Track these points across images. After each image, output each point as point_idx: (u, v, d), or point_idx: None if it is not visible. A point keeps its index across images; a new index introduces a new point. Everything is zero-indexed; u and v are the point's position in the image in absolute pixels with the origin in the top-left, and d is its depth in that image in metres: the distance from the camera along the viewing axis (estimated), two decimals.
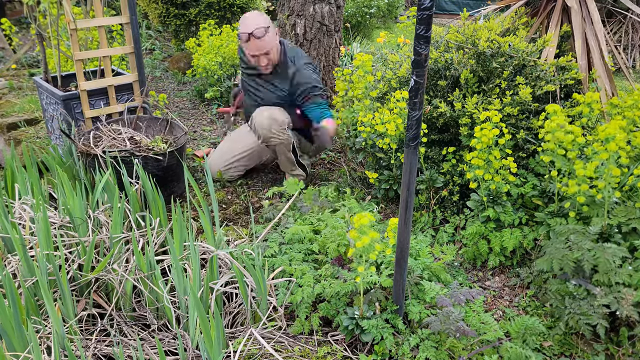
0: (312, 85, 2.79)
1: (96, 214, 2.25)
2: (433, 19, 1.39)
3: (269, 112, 2.79)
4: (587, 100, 2.29)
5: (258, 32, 2.61)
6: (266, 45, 2.67)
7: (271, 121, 2.77)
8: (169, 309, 1.87)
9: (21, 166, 2.45)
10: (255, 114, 2.83)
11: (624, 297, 1.72)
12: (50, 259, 1.83)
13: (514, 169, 2.21)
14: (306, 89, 2.79)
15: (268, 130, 2.77)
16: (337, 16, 3.61)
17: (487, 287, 2.23)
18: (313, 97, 2.80)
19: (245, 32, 2.62)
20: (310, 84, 2.79)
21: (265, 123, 2.77)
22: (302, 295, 1.88)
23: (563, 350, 1.83)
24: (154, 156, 2.63)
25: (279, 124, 2.78)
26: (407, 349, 1.74)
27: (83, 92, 2.90)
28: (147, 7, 5.37)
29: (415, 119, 1.49)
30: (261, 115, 2.78)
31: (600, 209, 1.99)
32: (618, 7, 5.46)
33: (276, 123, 2.77)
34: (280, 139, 2.81)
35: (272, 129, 2.77)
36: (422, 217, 2.57)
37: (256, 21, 2.63)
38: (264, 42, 2.65)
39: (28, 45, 4.72)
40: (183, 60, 5.12)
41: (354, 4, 6.88)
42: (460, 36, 2.64)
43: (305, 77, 2.78)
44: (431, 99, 2.62)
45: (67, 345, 1.52)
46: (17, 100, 4.24)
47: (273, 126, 2.77)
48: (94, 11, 2.90)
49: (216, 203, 2.30)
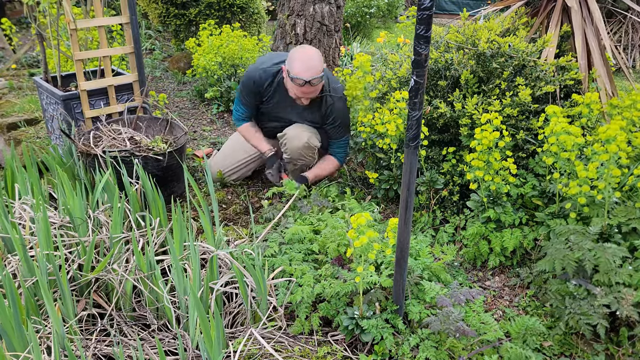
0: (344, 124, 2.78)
1: (96, 214, 2.25)
2: (433, 19, 1.39)
3: (305, 136, 2.70)
4: (586, 100, 2.29)
5: (315, 81, 2.49)
6: (317, 91, 2.59)
7: (306, 146, 2.71)
8: (169, 309, 1.87)
9: (21, 166, 2.45)
10: (290, 135, 2.73)
11: (624, 297, 1.72)
12: (50, 259, 1.83)
13: (514, 170, 2.21)
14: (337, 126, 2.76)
15: (300, 154, 2.74)
16: (337, 16, 3.61)
17: (487, 287, 2.23)
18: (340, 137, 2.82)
19: (302, 79, 2.46)
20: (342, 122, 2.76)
21: (300, 147, 2.71)
22: (302, 295, 1.88)
23: (563, 350, 1.83)
24: (154, 156, 2.63)
25: (312, 149, 2.74)
26: (407, 349, 1.74)
27: (83, 92, 2.90)
28: (147, 7, 5.37)
29: (415, 119, 1.49)
30: (297, 139, 2.70)
31: (601, 209, 1.99)
32: (618, 7, 5.46)
33: (310, 148, 2.73)
34: (307, 160, 2.80)
35: (304, 152, 2.74)
36: (422, 217, 2.57)
37: (314, 67, 2.47)
38: (316, 89, 2.56)
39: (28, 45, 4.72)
40: (183, 60, 5.12)
41: (354, 4, 6.88)
42: (460, 36, 2.64)
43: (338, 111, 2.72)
44: (431, 99, 2.62)
45: (67, 345, 1.52)
46: (17, 100, 4.24)
47: (306, 150, 2.73)
48: (94, 11, 2.90)
49: (216, 203, 2.30)
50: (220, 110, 4.19)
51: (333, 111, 2.72)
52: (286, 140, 2.75)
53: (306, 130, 2.74)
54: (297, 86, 2.51)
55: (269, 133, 2.94)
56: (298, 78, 2.46)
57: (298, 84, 2.48)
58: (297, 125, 2.78)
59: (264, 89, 2.72)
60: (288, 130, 2.76)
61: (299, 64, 2.46)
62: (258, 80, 2.70)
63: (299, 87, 2.50)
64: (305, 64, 2.46)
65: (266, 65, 2.71)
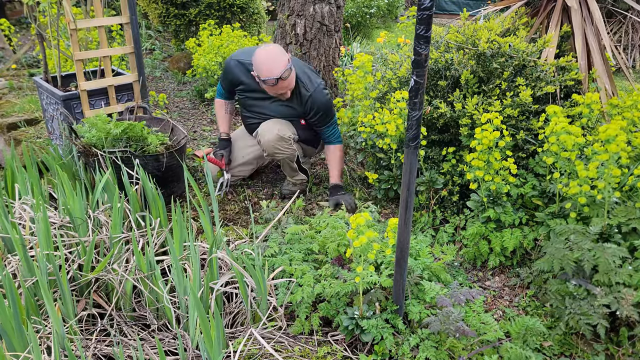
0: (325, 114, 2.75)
1: (96, 214, 2.25)
2: (433, 19, 1.39)
3: (275, 128, 2.71)
4: (586, 101, 2.29)
5: (286, 73, 2.49)
6: (291, 81, 2.59)
7: (277, 138, 2.70)
8: (168, 309, 1.87)
9: (21, 166, 2.45)
10: (262, 130, 2.75)
11: (624, 297, 1.72)
12: (50, 259, 1.83)
13: (514, 170, 2.21)
14: (320, 116, 2.74)
15: (274, 147, 2.73)
16: (337, 16, 3.61)
17: (487, 287, 2.23)
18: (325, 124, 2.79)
19: (273, 78, 2.48)
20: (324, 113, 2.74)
21: (272, 140, 2.70)
22: (302, 295, 1.87)
23: (563, 350, 1.83)
24: (154, 156, 2.63)
25: (285, 140, 2.72)
26: (407, 349, 1.74)
27: (83, 92, 2.90)
28: (147, 7, 5.37)
29: (415, 119, 1.49)
30: (268, 132, 2.71)
31: (600, 209, 1.99)
32: (618, 7, 5.46)
33: (282, 140, 2.71)
34: (285, 153, 2.77)
35: (278, 145, 2.72)
36: (422, 217, 2.57)
37: (279, 62, 2.48)
38: (289, 80, 2.56)
39: (28, 45, 4.72)
40: (183, 60, 5.12)
41: (354, 4, 6.88)
42: (460, 36, 2.64)
43: (318, 103, 2.70)
44: (431, 100, 2.62)
45: (67, 345, 1.52)
46: (17, 100, 4.24)
47: (279, 142, 2.71)
48: (94, 11, 2.90)
49: (216, 203, 2.30)
50: None
51: (314, 107, 2.71)
52: (259, 137, 2.76)
53: (277, 123, 2.74)
54: (271, 86, 2.53)
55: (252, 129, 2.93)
56: (269, 79, 2.49)
57: (271, 84, 2.51)
58: (270, 120, 2.78)
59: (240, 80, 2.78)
60: (260, 127, 2.77)
61: (264, 67, 2.49)
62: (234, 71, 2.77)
63: (273, 86, 2.53)
64: (270, 64, 2.48)
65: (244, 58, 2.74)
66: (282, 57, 2.50)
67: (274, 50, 2.53)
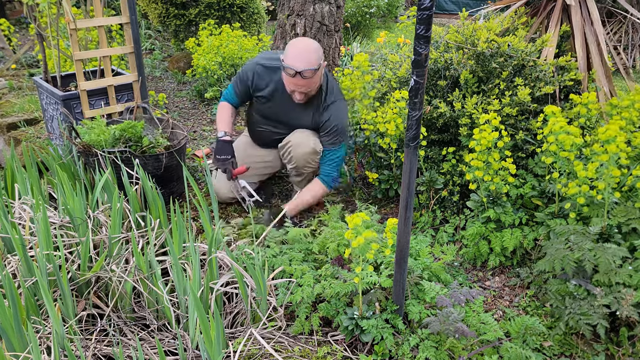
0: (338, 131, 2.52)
1: (96, 214, 2.25)
2: (433, 19, 1.39)
3: (310, 140, 2.52)
4: (584, 100, 2.29)
5: (308, 73, 2.30)
6: (310, 85, 2.38)
7: (313, 151, 2.52)
8: (168, 309, 1.87)
9: (21, 166, 2.45)
10: (296, 142, 2.54)
11: (624, 297, 1.72)
12: (50, 259, 1.83)
13: (513, 170, 2.21)
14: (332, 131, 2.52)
15: (307, 161, 2.55)
16: (337, 16, 3.61)
17: (487, 287, 2.23)
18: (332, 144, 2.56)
19: (293, 69, 2.29)
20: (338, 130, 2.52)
21: (307, 153, 2.52)
22: (302, 295, 1.87)
23: (563, 350, 1.83)
24: (154, 156, 2.63)
25: (318, 154, 2.55)
26: (407, 349, 1.74)
27: (83, 92, 2.89)
28: (147, 7, 5.37)
29: (415, 118, 1.49)
30: (303, 145, 2.52)
31: (600, 209, 1.99)
32: (618, 7, 5.46)
33: (316, 153, 2.54)
34: (313, 167, 2.60)
35: (310, 158, 2.55)
36: (422, 217, 2.57)
37: (310, 58, 2.30)
38: (309, 82, 2.36)
39: (28, 45, 4.72)
40: (183, 60, 5.12)
41: (354, 3, 6.88)
42: (459, 36, 2.64)
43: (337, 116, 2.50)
44: (431, 99, 2.62)
45: (66, 345, 1.52)
46: (17, 100, 4.24)
47: (313, 156, 2.54)
48: (94, 11, 2.90)
49: (216, 203, 2.30)
50: None
51: (330, 116, 2.51)
52: (290, 148, 2.57)
53: (310, 135, 2.56)
54: (289, 77, 2.35)
55: (262, 138, 2.79)
56: (289, 67, 2.30)
57: (289, 73, 2.32)
58: (299, 131, 2.60)
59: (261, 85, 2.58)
60: (291, 138, 2.58)
61: (293, 52, 2.32)
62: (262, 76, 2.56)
63: (290, 77, 2.34)
64: (300, 54, 2.30)
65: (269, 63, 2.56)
66: (315, 56, 2.33)
67: (312, 46, 2.36)
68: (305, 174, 2.63)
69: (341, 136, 2.55)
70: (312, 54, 2.32)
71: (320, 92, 2.52)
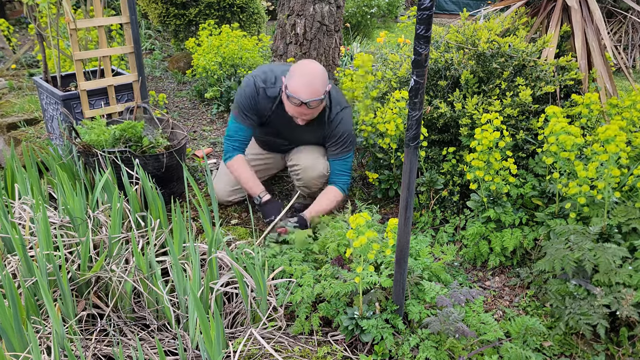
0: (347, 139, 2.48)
1: (96, 214, 2.25)
2: (433, 19, 1.39)
3: (319, 164, 2.50)
4: (585, 101, 2.29)
5: (314, 103, 2.22)
6: (315, 112, 2.31)
7: (322, 175, 2.51)
8: (168, 309, 1.87)
9: (21, 166, 2.45)
10: (305, 166, 2.52)
11: (624, 297, 1.72)
12: (50, 259, 1.83)
13: (514, 170, 2.21)
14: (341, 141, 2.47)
15: (315, 185, 2.56)
16: (337, 16, 3.61)
17: (487, 287, 2.23)
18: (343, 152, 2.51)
19: (299, 99, 2.19)
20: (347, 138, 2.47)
21: (317, 177, 2.52)
22: (302, 295, 1.87)
23: (563, 350, 1.83)
24: (154, 156, 2.63)
25: (326, 177, 2.54)
26: (407, 349, 1.74)
27: (83, 92, 2.89)
28: (147, 7, 5.37)
29: (415, 119, 1.49)
30: (312, 169, 2.50)
31: (600, 209, 1.99)
32: (618, 7, 5.46)
33: (325, 177, 2.53)
34: (321, 187, 2.59)
35: (319, 182, 2.55)
36: (422, 217, 2.57)
37: (317, 88, 2.20)
38: (314, 111, 2.29)
39: (27, 45, 4.71)
40: (183, 60, 5.12)
41: (354, 3, 6.88)
42: (460, 36, 2.64)
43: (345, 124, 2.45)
44: (431, 99, 2.62)
45: (66, 345, 1.52)
46: (17, 100, 4.24)
47: (322, 179, 2.54)
48: (94, 11, 2.90)
49: (216, 203, 2.30)
50: (220, 110, 4.19)
51: (337, 126, 2.44)
52: (300, 171, 2.55)
53: (319, 156, 2.53)
54: (293, 105, 2.25)
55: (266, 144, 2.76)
56: (294, 97, 2.20)
57: (294, 103, 2.22)
58: (307, 150, 2.56)
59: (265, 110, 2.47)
60: (300, 160, 2.55)
61: (298, 81, 2.21)
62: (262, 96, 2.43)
63: (295, 106, 2.24)
64: (306, 83, 2.20)
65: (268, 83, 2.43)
66: (321, 83, 2.23)
67: (319, 72, 2.24)
68: (314, 191, 2.61)
69: (351, 143, 2.51)
70: (319, 82, 2.22)
71: (324, 109, 2.42)
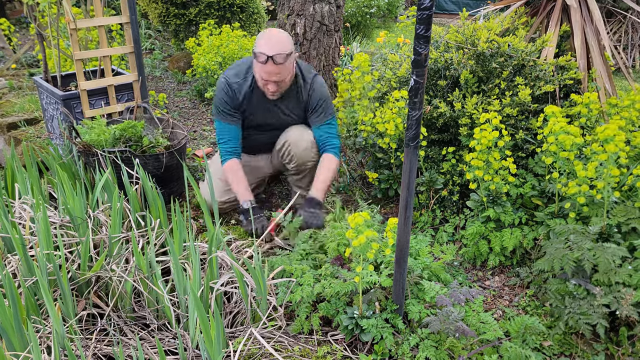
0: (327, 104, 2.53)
1: (96, 213, 2.25)
2: (433, 19, 1.39)
3: (305, 134, 2.53)
4: (585, 101, 2.29)
5: (279, 57, 2.26)
6: (282, 72, 2.33)
7: (312, 144, 2.52)
8: (168, 309, 1.87)
9: (21, 166, 2.45)
10: (293, 140, 2.53)
11: (624, 297, 1.72)
12: (51, 258, 1.83)
13: (513, 169, 2.21)
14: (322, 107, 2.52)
15: (308, 155, 2.54)
16: (337, 16, 3.61)
17: (486, 286, 2.23)
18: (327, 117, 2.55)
19: (265, 54, 2.25)
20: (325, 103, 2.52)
21: (308, 148, 2.52)
22: (302, 295, 1.88)
23: (563, 349, 1.83)
24: (154, 155, 2.63)
25: (316, 146, 2.54)
26: (406, 349, 1.74)
27: (83, 91, 2.90)
28: (147, 7, 5.37)
29: (415, 118, 1.49)
30: (301, 140, 2.52)
31: (600, 209, 2.00)
32: (618, 7, 5.47)
33: (315, 146, 2.53)
34: (314, 161, 2.56)
35: (312, 152, 2.54)
36: (422, 217, 2.57)
37: (281, 44, 2.27)
38: (281, 69, 2.31)
39: (28, 45, 4.71)
40: (183, 60, 5.12)
41: (354, 3, 6.89)
42: (459, 36, 2.64)
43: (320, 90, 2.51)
44: (431, 99, 2.62)
45: (67, 344, 1.53)
46: (17, 100, 4.24)
47: (313, 150, 2.53)
48: (94, 11, 2.90)
49: (216, 203, 2.29)
50: None
51: (314, 91, 2.50)
52: (290, 147, 2.54)
53: (304, 129, 2.56)
54: (261, 64, 2.28)
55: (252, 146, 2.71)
56: (261, 53, 2.26)
57: (260, 60, 2.27)
58: (292, 127, 2.58)
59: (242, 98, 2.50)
60: (287, 137, 2.56)
61: (262, 41, 2.29)
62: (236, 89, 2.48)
63: (262, 65, 2.28)
64: (268, 40, 2.28)
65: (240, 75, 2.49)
66: (286, 41, 2.31)
67: (283, 35, 2.34)
68: (306, 170, 2.59)
69: (331, 107, 2.56)
70: (284, 39, 2.31)
71: (296, 80, 2.48)
